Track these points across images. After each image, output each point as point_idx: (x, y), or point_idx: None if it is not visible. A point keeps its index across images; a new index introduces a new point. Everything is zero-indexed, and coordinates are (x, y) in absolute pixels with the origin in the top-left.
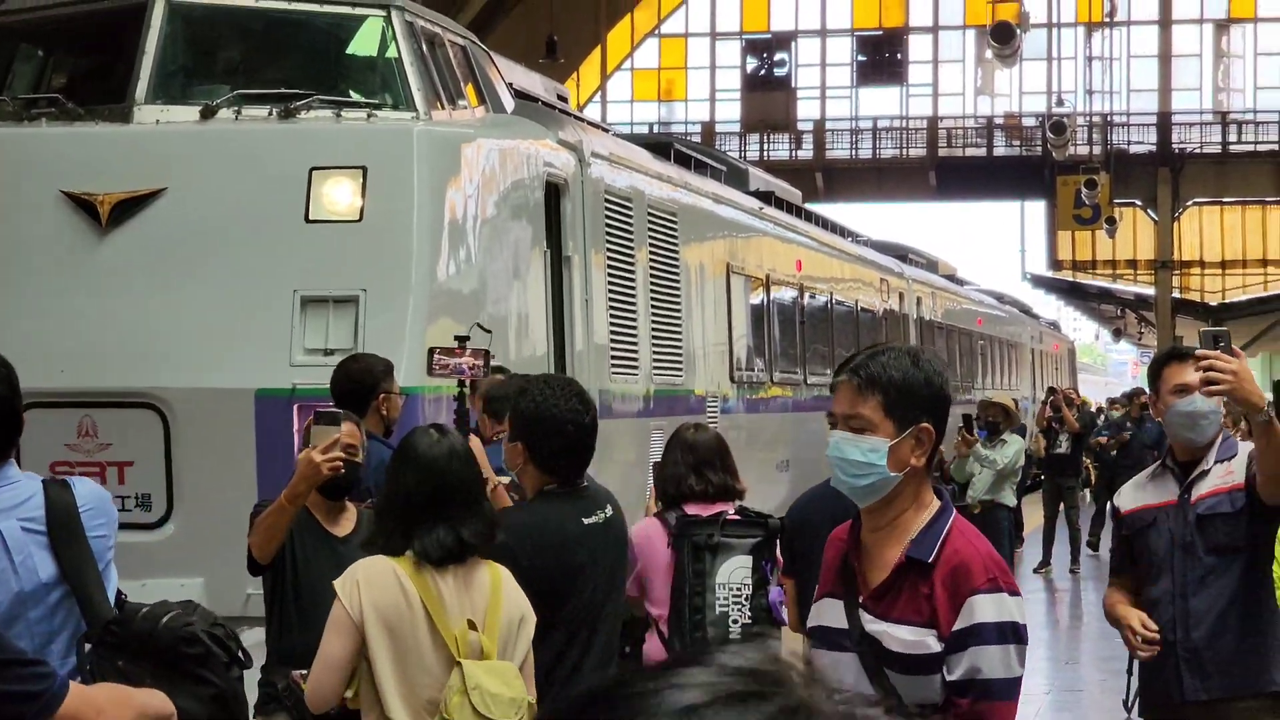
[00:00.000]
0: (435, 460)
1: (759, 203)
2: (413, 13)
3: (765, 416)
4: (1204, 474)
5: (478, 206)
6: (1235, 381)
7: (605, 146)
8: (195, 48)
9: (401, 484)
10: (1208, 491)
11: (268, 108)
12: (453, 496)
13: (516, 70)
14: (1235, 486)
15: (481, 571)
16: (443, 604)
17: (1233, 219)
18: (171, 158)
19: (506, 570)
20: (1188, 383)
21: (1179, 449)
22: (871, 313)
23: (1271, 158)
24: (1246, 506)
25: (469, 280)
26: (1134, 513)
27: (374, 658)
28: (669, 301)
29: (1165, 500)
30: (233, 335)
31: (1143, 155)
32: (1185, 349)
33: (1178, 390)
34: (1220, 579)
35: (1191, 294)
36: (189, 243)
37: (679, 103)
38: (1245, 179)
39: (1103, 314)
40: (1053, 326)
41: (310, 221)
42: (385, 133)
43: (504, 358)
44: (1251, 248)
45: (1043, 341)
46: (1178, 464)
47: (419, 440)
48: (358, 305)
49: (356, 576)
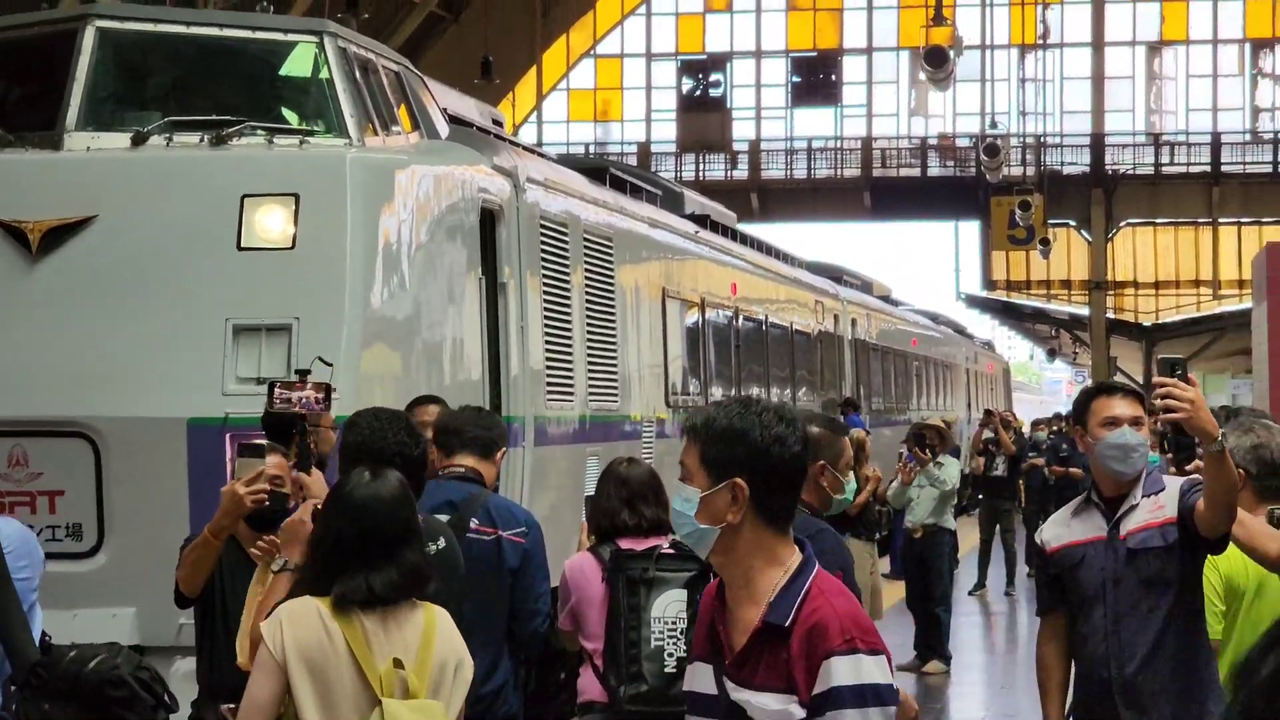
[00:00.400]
0: (360, 503)
1: (694, 226)
2: (345, 38)
3: None
4: (1133, 508)
5: (412, 233)
6: (1192, 410)
7: (540, 171)
8: (126, 74)
9: (328, 524)
10: (1138, 526)
11: (199, 134)
12: (374, 542)
13: (451, 95)
14: (1167, 520)
15: (415, 612)
16: (368, 643)
17: (1166, 240)
18: (102, 185)
19: (444, 612)
20: (1117, 415)
21: (1105, 483)
22: (806, 335)
23: (1203, 179)
24: (1179, 540)
25: (403, 307)
26: (1061, 550)
27: (298, 698)
28: (604, 326)
29: (1093, 536)
30: (165, 364)
31: (1076, 176)
32: (1113, 383)
33: (1107, 423)
34: (1153, 613)
35: (1125, 314)
36: (120, 271)
37: (615, 123)
38: (1178, 200)
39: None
40: (987, 347)
41: (242, 249)
42: (318, 160)
43: (439, 385)
44: (1185, 268)
45: (977, 362)
46: (1103, 499)
47: (350, 481)
48: (291, 334)
49: (280, 616)
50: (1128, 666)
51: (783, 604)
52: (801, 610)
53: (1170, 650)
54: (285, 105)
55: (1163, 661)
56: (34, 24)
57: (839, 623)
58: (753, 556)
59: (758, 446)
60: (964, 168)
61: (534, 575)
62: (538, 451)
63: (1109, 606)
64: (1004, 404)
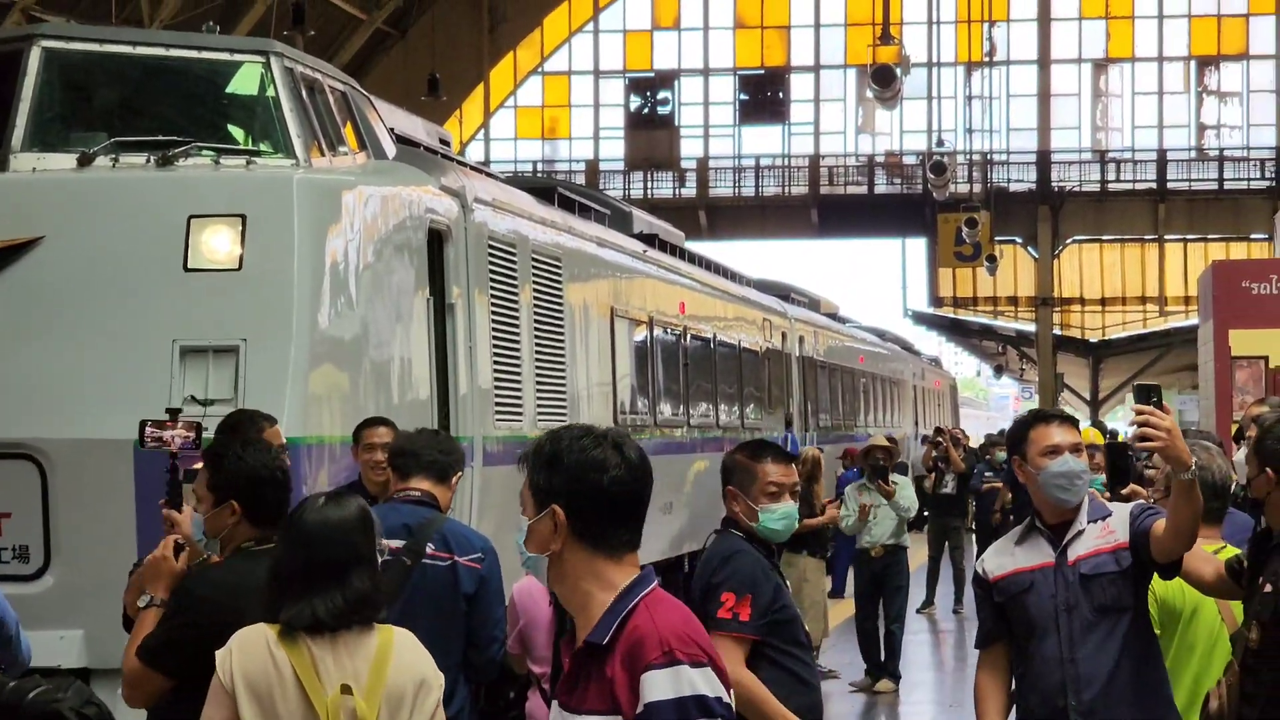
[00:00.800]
0: (307, 529)
1: (643, 245)
2: (292, 58)
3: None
4: (1079, 534)
5: (359, 254)
6: (1169, 439)
7: (489, 192)
8: (72, 95)
9: (280, 550)
10: (1088, 551)
11: (145, 155)
12: (320, 567)
13: (398, 114)
14: (1119, 545)
15: (368, 637)
16: (315, 670)
17: (1112, 257)
18: (48, 206)
19: (406, 635)
20: (1057, 443)
21: (1048, 511)
22: (754, 353)
23: (1149, 196)
24: (1132, 565)
25: (351, 328)
26: (1006, 578)
27: None
28: (553, 346)
29: (1040, 563)
30: (111, 385)
31: (1023, 193)
32: (1048, 411)
33: (1048, 452)
34: (1108, 639)
35: (1072, 330)
36: (66, 292)
37: (563, 140)
38: (1123, 217)
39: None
40: (934, 363)
41: (189, 270)
42: (264, 180)
43: (387, 405)
44: (1130, 285)
45: (924, 378)
46: (1047, 526)
47: (303, 507)
48: (238, 355)
49: (231, 644)
50: (1085, 694)
51: (604, 623)
52: (623, 628)
53: (1127, 676)
54: (232, 125)
55: (1121, 688)
56: None
57: (658, 635)
58: (585, 582)
59: (573, 473)
60: (911, 185)
61: (490, 602)
62: (487, 472)
63: (1063, 634)
64: (951, 420)
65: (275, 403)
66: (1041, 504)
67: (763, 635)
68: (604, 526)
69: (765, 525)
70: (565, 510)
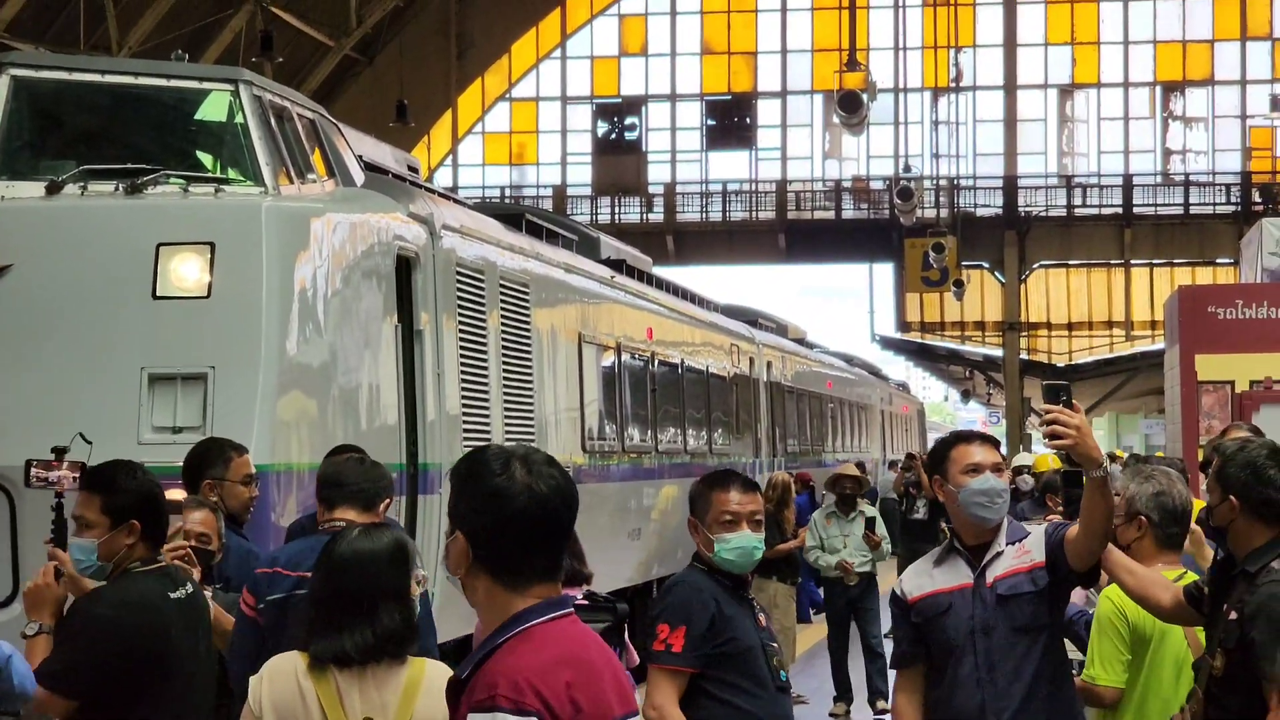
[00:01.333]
0: (339, 561)
1: (610, 271)
2: (260, 86)
3: (617, 485)
4: (997, 555)
5: (327, 281)
6: (1079, 436)
7: (457, 218)
8: (41, 122)
9: (314, 580)
10: (1006, 572)
11: (114, 183)
12: (351, 600)
13: (366, 142)
14: (1035, 565)
15: (398, 670)
16: (340, 703)
17: (1078, 281)
18: (16, 234)
19: (438, 667)
20: (978, 462)
21: (967, 531)
22: (722, 378)
23: (1115, 221)
24: (1049, 585)
25: (319, 355)
26: (924, 599)
27: None
28: (521, 372)
29: (959, 584)
30: (80, 413)
31: (989, 218)
32: (970, 431)
33: (969, 470)
34: (1025, 659)
35: (1039, 355)
36: (35, 320)
37: (530, 166)
38: (1090, 242)
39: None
40: (902, 388)
41: (158, 298)
42: (233, 208)
43: (356, 432)
44: (1097, 309)
45: (892, 403)
46: (966, 547)
47: (338, 538)
48: (206, 382)
49: (262, 673)
50: (1003, 714)
51: (469, 657)
52: (481, 665)
53: (1044, 696)
54: (201, 153)
55: (1037, 708)
56: None
57: (492, 677)
58: (485, 611)
59: (475, 501)
60: (878, 210)
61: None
62: None
63: (980, 655)
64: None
65: (244, 430)
66: (961, 524)
67: (700, 667)
68: (505, 557)
69: (720, 555)
70: (467, 537)
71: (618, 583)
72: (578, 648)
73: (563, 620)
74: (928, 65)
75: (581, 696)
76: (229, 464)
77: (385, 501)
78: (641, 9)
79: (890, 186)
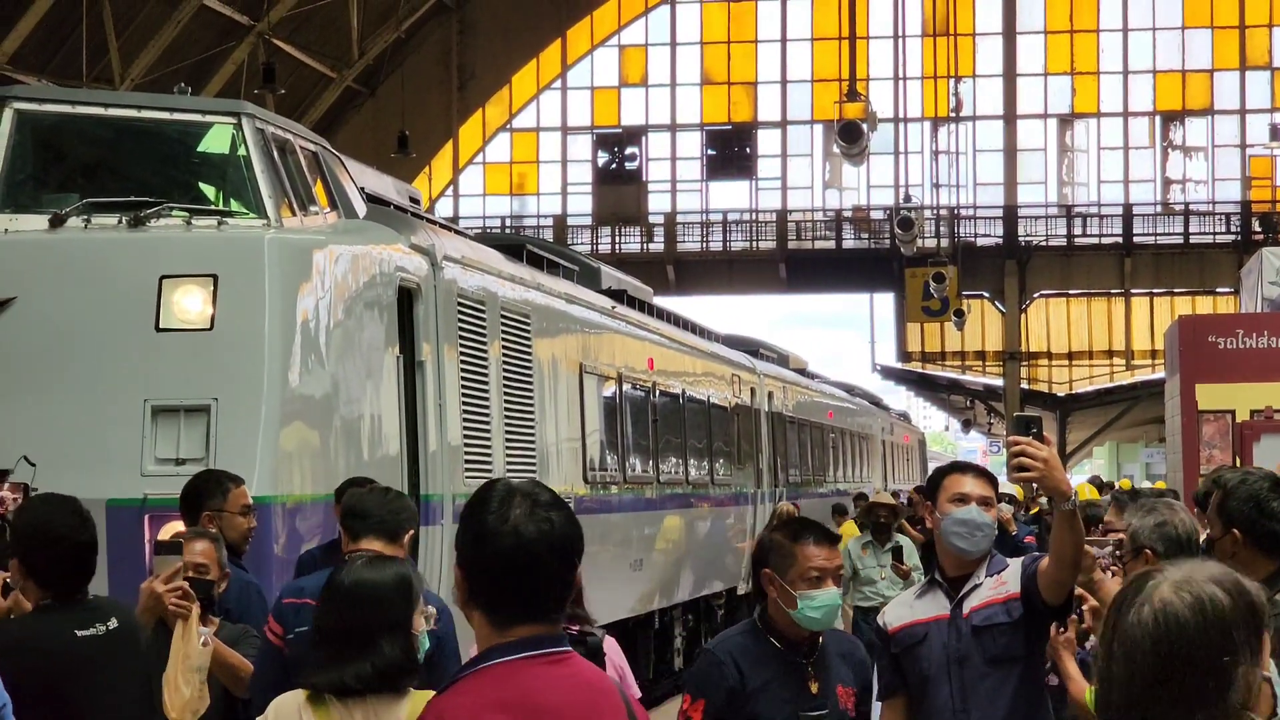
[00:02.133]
0: (342, 592)
1: (611, 301)
2: (263, 119)
3: (619, 516)
4: (976, 587)
5: (330, 313)
6: (1045, 469)
7: (458, 249)
8: (44, 156)
9: (319, 610)
10: (981, 603)
11: (117, 216)
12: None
13: (368, 173)
14: (1010, 596)
15: (399, 703)
16: None
17: (1079, 310)
18: (20, 267)
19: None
20: (966, 493)
21: (950, 564)
22: (723, 408)
23: (1115, 250)
24: (1023, 616)
25: (321, 386)
26: (903, 629)
27: None
28: (523, 402)
29: (936, 615)
30: (83, 445)
31: (989, 248)
32: (966, 462)
33: (956, 499)
34: (999, 690)
35: (1040, 385)
36: (39, 352)
37: (531, 196)
38: (1090, 271)
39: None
40: (903, 418)
41: (161, 330)
42: (236, 240)
43: (358, 463)
44: (1097, 339)
45: (893, 433)
46: (947, 580)
47: (342, 569)
48: (209, 414)
49: (268, 712)
50: None
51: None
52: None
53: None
54: (203, 185)
55: None
56: None
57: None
58: (476, 644)
59: (468, 538)
60: (878, 240)
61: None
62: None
63: (954, 685)
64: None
65: (246, 461)
66: (943, 554)
67: None
68: (490, 595)
69: (804, 614)
70: (462, 571)
71: (619, 614)
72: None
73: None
74: (927, 95)
75: None
76: (227, 495)
77: (409, 532)
78: (642, 40)
79: (890, 216)
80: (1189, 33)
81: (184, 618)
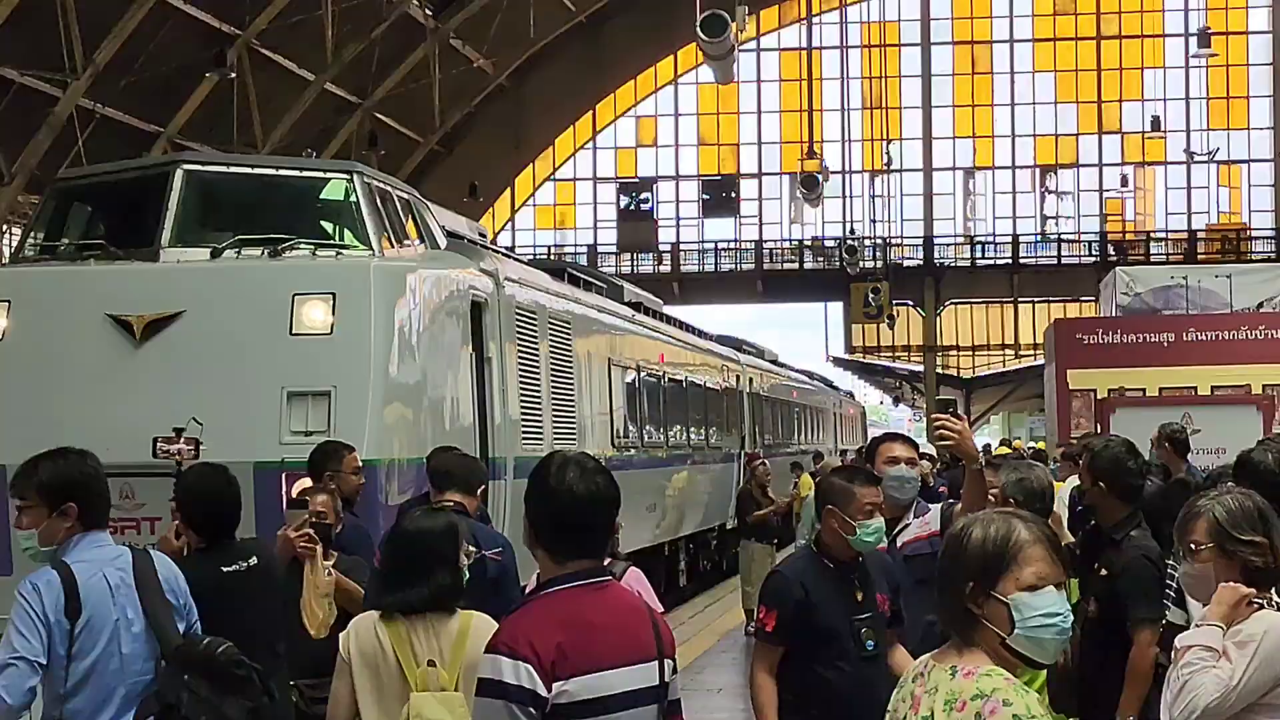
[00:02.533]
0: (405, 535)
1: (631, 311)
2: (369, 175)
3: (638, 472)
4: (905, 527)
5: (419, 321)
6: (960, 439)
7: (515, 272)
8: (206, 204)
9: (385, 550)
10: (911, 539)
11: (261, 249)
12: (413, 565)
13: (446, 214)
14: (933, 533)
15: (452, 620)
16: (410, 648)
17: (980, 314)
18: (188, 287)
19: (483, 618)
20: (897, 455)
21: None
22: (716, 390)
23: (1006, 269)
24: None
25: (413, 376)
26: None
27: (360, 693)
28: (565, 387)
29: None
30: (235, 421)
31: (913, 268)
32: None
33: (889, 461)
34: (922, 603)
35: (950, 370)
36: (202, 352)
37: (569, 230)
38: (988, 285)
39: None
40: (849, 395)
41: (293, 335)
42: (349, 267)
43: (441, 433)
44: (994, 335)
45: (842, 407)
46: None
47: (404, 517)
48: (330, 398)
49: (351, 628)
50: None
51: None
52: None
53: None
54: (325, 225)
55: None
56: (136, 169)
57: (504, 628)
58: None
59: (535, 496)
60: (831, 262)
61: (510, 585)
62: (517, 484)
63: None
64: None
65: (357, 433)
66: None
67: (789, 644)
68: (551, 538)
69: (860, 539)
70: (530, 520)
71: (641, 543)
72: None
73: (585, 588)
74: (867, 153)
75: (570, 650)
76: (343, 459)
77: (481, 485)
78: (653, 111)
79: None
80: (1060, 106)
81: (311, 556)
